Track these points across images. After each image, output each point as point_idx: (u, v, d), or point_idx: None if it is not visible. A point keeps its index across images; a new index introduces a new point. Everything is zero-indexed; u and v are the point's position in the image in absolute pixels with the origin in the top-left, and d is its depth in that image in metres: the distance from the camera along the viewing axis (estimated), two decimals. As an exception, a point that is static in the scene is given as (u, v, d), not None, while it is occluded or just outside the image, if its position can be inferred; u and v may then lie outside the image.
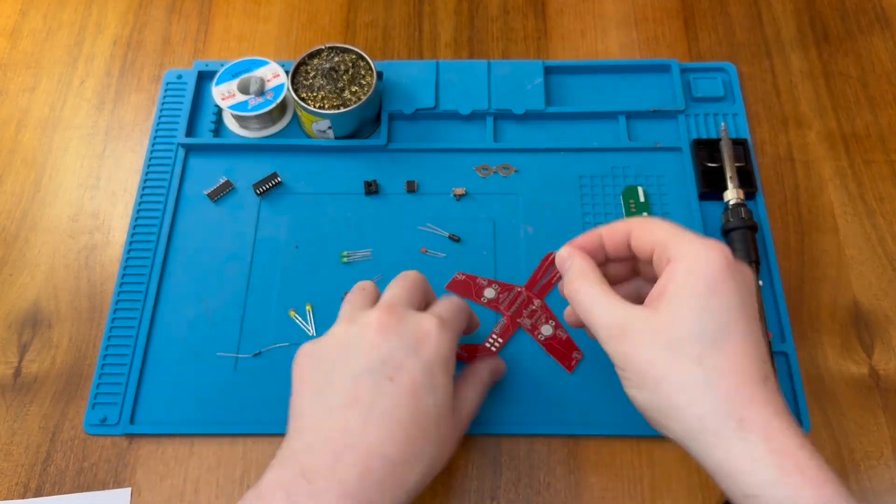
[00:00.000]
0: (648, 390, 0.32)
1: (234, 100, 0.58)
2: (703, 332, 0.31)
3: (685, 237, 0.34)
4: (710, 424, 0.30)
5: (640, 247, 0.37)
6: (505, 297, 0.52)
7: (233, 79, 0.59)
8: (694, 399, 0.31)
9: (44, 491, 0.48)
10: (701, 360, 0.31)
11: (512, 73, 0.62)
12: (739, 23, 0.67)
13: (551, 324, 0.51)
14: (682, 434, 0.32)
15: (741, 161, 0.57)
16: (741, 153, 0.58)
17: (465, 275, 0.53)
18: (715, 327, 0.31)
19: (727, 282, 0.32)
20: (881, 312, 0.53)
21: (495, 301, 0.52)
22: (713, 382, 0.30)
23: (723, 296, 0.32)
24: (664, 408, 0.32)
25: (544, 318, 0.51)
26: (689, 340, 0.31)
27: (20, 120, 0.63)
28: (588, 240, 0.39)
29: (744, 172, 0.57)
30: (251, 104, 0.58)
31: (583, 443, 0.49)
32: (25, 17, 0.68)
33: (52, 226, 0.58)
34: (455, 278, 0.53)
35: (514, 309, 0.52)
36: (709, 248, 0.33)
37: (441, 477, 0.48)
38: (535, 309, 0.51)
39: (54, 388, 0.51)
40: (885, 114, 0.62)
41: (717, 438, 0.30)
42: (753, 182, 0.57)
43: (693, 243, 0.34)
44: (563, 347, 0.50)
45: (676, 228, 0.35)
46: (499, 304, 0.52)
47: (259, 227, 0.57)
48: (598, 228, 0.40)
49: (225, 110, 0.59)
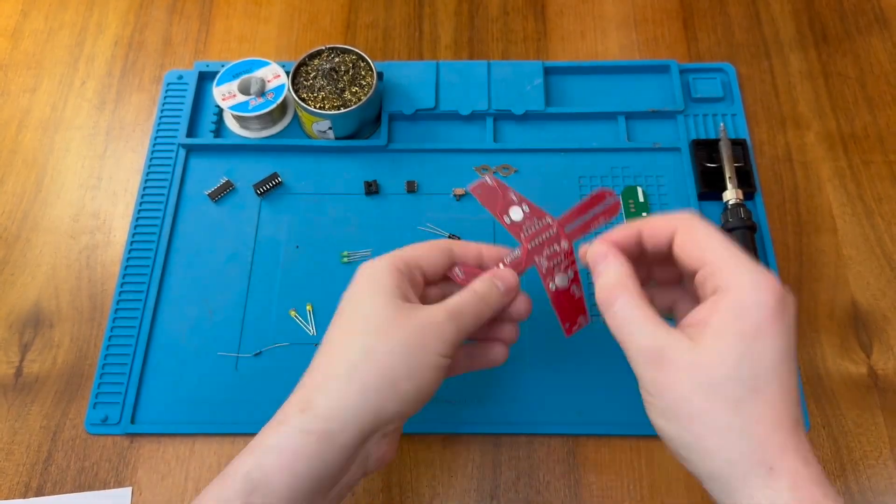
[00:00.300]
0: (677, 424, 0.31)
1: (234, 100, 0.59)
2: (745, 377, 0.29)
3: (737, 264, 0.31)
4: (739, 470, 0.29)
5: (685, 258, 0.33)
6: (531, 225, 0.42)
7: (233, 79, 0.59)
8: (727, 444, 0.29)
9: (45, 490, 0.48)
10: (738, 406, 0.29)
11: (512, 73, 0.62)
12: (738, 23, 0.67)
13: (569, 274, 0.42)
14: (706, 473, 0.30)
15: (740, 161, 0.58)
16: (740, 154, 0.58)
17: (496, 181, 0.42)
18: (757, 373, 0.30)
19: (775, 324, 0.30)
20: (879, 312, 0.54)
21: (518, 226, 0.42)
22: (748, 429, 0.29)
23: (768, 339, 0.30)
24: (692, 445, 0.30)
25: (564, 266, 0.42)
26: (730, 384, 0.30)
27: (21, 120, 0.63)
28: (625, 235, 0.36)
29: (743, 173, 0.57)
30: (252, 105, 0.58)
31: (582, 442, 0.49)
32: (27, 17, 0.69)
33: (54, 226, 0.58)
34: (482, 181, 0.42)
35: (536, 242, 0.42)
36: (761, 284, 0.31)
37: (441, 476, 0.48)
38: (558, 250, 0.42)
39: (55, 388, 0.52)
40: (884, 114, 0.62)
41: (744, 484, 0.29)
42: (752, 182, 0.57)
43: (745, 276, 0.31)
44: (571, 306, 0.42)
45: (728, 248, 0.32)
46: (521, 231, 0.42)
47: (260, 227, 0.57)
48: (636, 222, 0.36)
49: (225, 111, 0.60)
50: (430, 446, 0.49)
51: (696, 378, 0.30)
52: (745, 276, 0.31)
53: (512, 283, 0.39)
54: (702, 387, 0.30)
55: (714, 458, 0.30)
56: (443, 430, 0.49)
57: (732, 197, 0.55)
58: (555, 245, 0.42)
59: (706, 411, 0.30)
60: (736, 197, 0.55)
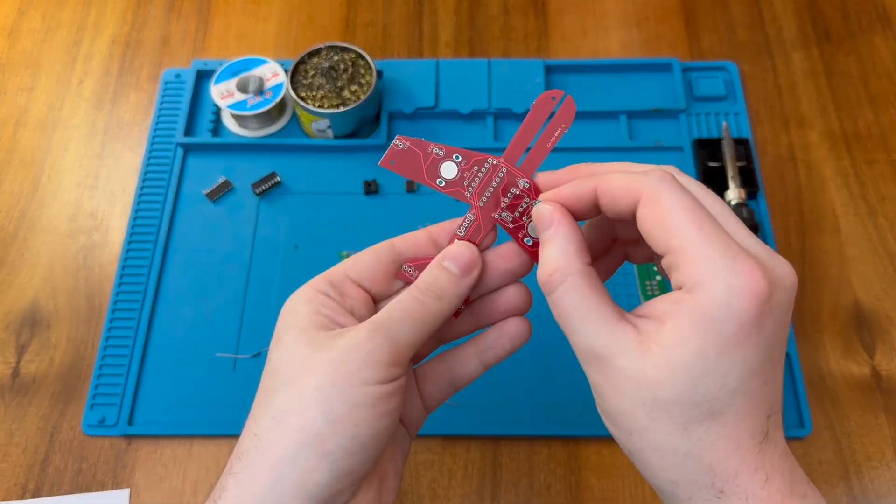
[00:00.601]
0: (619, 431, 0.26)
1: (232, 99, 0.58)
2: (700, 401, 0.24)
3: (709, 256, 0.24)
4: (683, 492, 0.25)
5: (649, 238, 0.26)
6: (473, 176, 0.31)
7: (231, 77, 0.59)
8: (670, 465, 0.25)
9: (42, 492, 0.48)
10: (687, 428, 0.24)
11: (512, 72, 0.62)
12: (741, 22, 0.67)
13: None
14: (650, 484, 0.27)
15: (742, 161, 0.57)
16: (742, 153, 0.58)
17: (409, 140, 0.31)
18: (717, 396, 0.24)
19: (751, 336, 0.23)
20: (883, 313, 0.53)
21: (457, 183, 0.31)
22: (697, 453, 0.24)
23: (738, 356, 0.24)
24: (635, 455, 0.26)
25: (530, 210, 0.31)
26: (679, 406, 0.24)
27: (19, 119, 0.63)
28: (577, 194, 0.29)
29: (745, 172, 0.57)
30: (250, 103, 0.58)
31: (583, 444, 0.49)
32: (24, 16, 0.68)
33: (51, 226, 0.58)
34: (392, 147, 0.31)
35: (487, 195, 0.31)
36: (736, 285, 0.23)
37: (441, 478, 0.48)
38: (518, 192, 0.31)
39: (53, 389, 0.51)
40: (887, 113, 0.62)
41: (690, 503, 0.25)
42: (755, 182, 0.57)
43: (717, 272, 0.23)
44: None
45: (700, 231, 0.24)
46: (463, 189, 0.31)
47: (258, 226, 0.56)
48: (593, 178, 0.29)
49: (224, 109, 0.59)
50: (429, 448, 0.49)
51: (640, 394, 0.25)
52: (718, 272, 0.23)
53: (466, 257, 0.29)
54: (646, 405, 0.25)
55: (658, 477, 0.26)
56: (443, 432, 0.49)
57: (735, 197, 0.54)
58: (512, 189, 0.32)
59: (649, 427, 0.25)
60: (739, 197, 0.54)
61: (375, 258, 0.31)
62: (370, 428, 0.26)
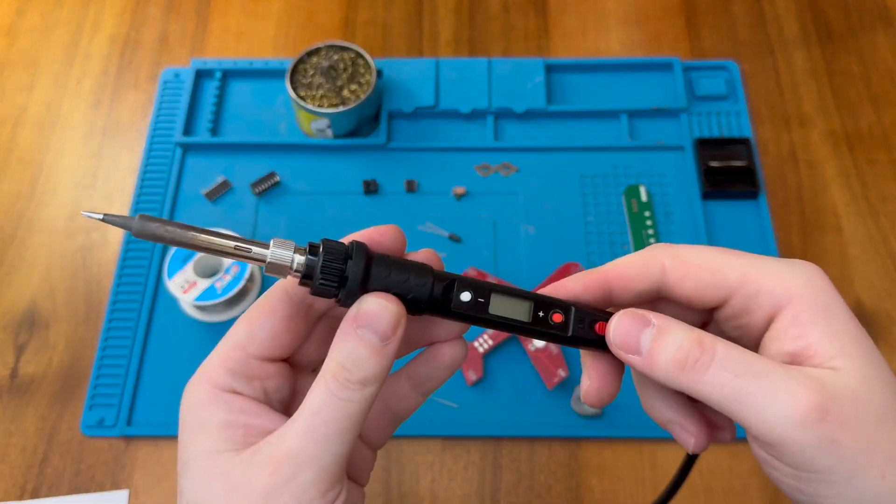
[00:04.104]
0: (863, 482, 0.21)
1: (196, 289, 0.50)
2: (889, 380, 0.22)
3: (763, 264, 0.24)
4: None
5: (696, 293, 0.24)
6: None
7: (185, 264, 0.51)
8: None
9: (41, 493, 0.48)
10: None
11: (512, 71, 0.62)
12: (742, 21, 0.66)
13: None
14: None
15: (744, 160, 0.57)
16: (744, 152, 0.57)
17: (477, 271, 0.52)
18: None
19: (842, 304, 0.23)
20: (884, 313, 0.53)
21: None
22: None
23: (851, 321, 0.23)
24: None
25: None
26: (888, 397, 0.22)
27: (17, 119, 0.62)
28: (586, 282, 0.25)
29: (747, 172, 0.57)
30: (219, 287, 0.50)
31: (584, 445, 0.48)
32: (22, 15, 0.68)
33: (49, 226, 0.57)
34: (466, 273, 0.50)
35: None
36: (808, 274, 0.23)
37: (441, 479, 0.47)
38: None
39: (51, 390, 0.51)
40: (889, 113, 0.61)
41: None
42: (756, 182, 0.56)
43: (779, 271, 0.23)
44: (550, 362, 0.49)
45: (740, 255, 0.24)
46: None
47: (257, 226, 0.56)
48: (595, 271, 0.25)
49: (188, 303, 0.51)
50: (429, 449, 0.49)
51: (868, 414, 0.21)
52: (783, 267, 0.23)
53: (385, 319, 0.22)
54: (877, 422, 0.21)
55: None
56: (443, 433, 0.49)
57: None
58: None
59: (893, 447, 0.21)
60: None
61: (272, 319, 0.24)
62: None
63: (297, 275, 0.22)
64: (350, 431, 0.22)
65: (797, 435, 0.20)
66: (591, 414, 0.48)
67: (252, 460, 0.22)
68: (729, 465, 0.48)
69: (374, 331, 0.22)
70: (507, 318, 0.24)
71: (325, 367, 0.22)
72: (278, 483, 0.22)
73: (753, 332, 0.24)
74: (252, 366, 0.24)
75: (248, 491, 0.22)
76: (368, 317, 0.22)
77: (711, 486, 0.47)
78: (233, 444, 0.22)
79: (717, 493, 0.47)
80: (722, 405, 0.22)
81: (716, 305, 0.24)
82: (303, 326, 0.25)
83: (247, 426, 0.23)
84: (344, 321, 0.23)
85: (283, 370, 0.25)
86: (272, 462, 0.22)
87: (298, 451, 0.22)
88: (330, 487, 0.22)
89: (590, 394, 0.26)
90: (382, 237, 0.24)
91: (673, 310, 0.26)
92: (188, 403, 0.24)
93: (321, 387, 0.22)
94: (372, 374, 0.22)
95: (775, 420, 0.21)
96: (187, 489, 0.23)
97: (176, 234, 0.21)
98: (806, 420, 0.20)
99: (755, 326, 0.24)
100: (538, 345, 0.49)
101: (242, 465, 0.22)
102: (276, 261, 0.22)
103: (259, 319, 0.24)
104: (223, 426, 0.23)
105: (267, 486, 0.22)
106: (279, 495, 0.21)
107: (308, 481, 0.22)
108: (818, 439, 0.20)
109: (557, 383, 0.48)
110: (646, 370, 0.23)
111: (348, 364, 0.22)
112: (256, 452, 0.22)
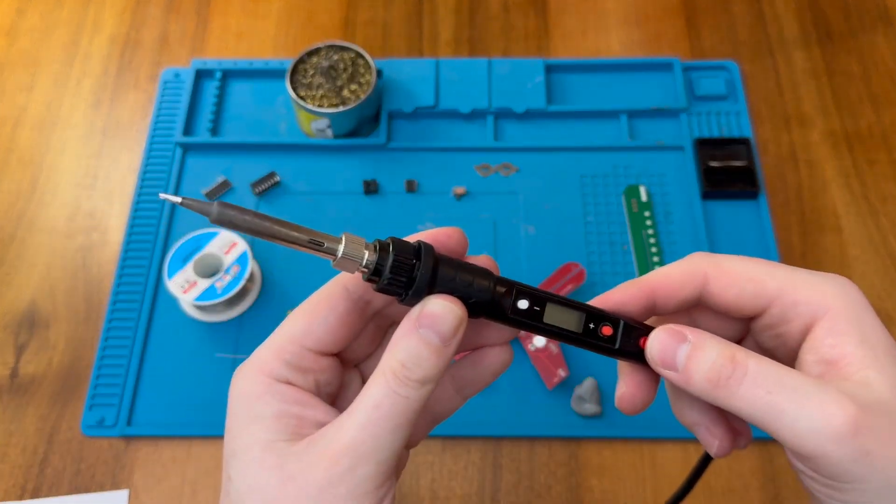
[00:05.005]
0: None
1: (197, 289, 0.50)
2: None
3: (800, 276, 0.24)
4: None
5: (736, 302, 0.25)
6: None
7: (185, 264, 0.51)
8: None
9: (41, 493, 0.48)
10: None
11: (512, 71, 0.62)
12: (742, 21, 0.66)
13: None
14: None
15: (744, 160, 0.57)
16: (744, 152, 0.58)
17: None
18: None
19: (874, 317, 0.24)
20: (884, 313, 0.53)
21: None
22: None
23: (883, 333, 0.24)
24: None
25: None
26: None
27: (17, 119, 0.62)
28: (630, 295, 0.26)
29: (746, 172, 0.57)
30: (219, 287, 0.50)
31: (584, 445, 0.48)
32: (23, 15, 0.68)
33: (49, 226, 0.57)
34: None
35: None
36: (843, 287, 0.24)
37: (441, 479, 0.47)
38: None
39: (51, 390, 0.51)
40: (889, 113, 0.61)
41: None
42: (756, 182, 0.56)
43: (816, 283, 0.24)
44: (550, 362, 0.49)
45: (779, 266, 0.25)
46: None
47: (257, 226, 0.56)
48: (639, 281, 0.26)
49: (188, 303, 0.50)
50: (429, 449, 0.49)
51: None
52: (816, 280, 0.24)
53: (448, 321, 0.23)
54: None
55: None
56: (443, 433, 0.49)
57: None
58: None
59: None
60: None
61: (332, 313, 0.24)
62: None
63: (364, 270, 0.22)
64: (405, 428, 0.23)
65: (831, 449, 0.21)
66: (592, 414, 0.48)
67: (308, 451, 0.22)
68: (729, 465, 0.48)
69: (437, 332, 0.23)
70: (559, 328, 0.24)
71: (384, 364, 0.23)
72: (335, 475, 0.22)
73: (790, 342, 0.25)
74: (307, 358, 0.24)
75: (304, 482, 0.22)
76: (432, 318, 0.23)
77: (711, 486, 0.47)
78: (286, 435, 0.23)
79: (717, 493, 0.47)
80: (756, 420, 0.22)
81: (755, 315, 0.25)
82: (358, 322, 0.25)
83: (301, 417, 0.23)
84: (406, 320, 0.23)
85: (335, 364, 0.25)
86: (330, 454, 0.22)
87: (358, 444, 0.22)
88: (384, 482, 0.23)
89: (624, 399, 0.26)
90: (448, 239, 0.25)
91: (712, 320, 0.27)
92: (240, 393, 0.24)
93: (381, 383, 0.22)
94: (431, 373, 0.23)
95: (809, 435, 0.21)
96: (237, 478, 0.23)
97: (253, 224, 0.21)
98: (839, 435, 0.21)
99: (792, 336, 0.24)
100: (538, 344, 0.49)
101: (298, 456, 0.22)
102: (348, 256, 0.22)
103: (319, 313, 0.25)
104: (277, 416, 0.23)
105: (325, 478, 0.22)
106: (336, 487, 0.22)
107: (366, 475, 0.22)
108: (852, 451, 0.21)
109: (557, 383, 0.48)
110: (682, 385, 0.23)
111: (409, 363, 0.22)
112: (312, 444, 0.22)
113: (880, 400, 0.22)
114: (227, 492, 0.23)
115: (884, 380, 0.22)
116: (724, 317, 0.26)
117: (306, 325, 0.24)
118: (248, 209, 0.21)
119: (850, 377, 0.22)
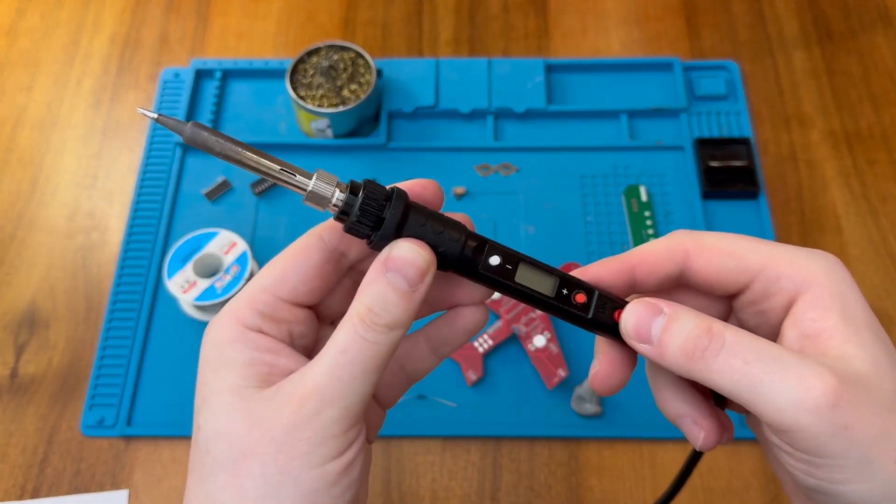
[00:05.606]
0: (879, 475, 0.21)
1: (196, 289, 0.50)
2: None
3: (784, 251, 0.24)
4: None
5: (718, 277, 0.24)
6: (509, 300, 0.50)
7: (185, 263, 0.51)
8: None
9: (41, 493, 0.48)
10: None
11: (512, 71, 0.62)
12: (742, 21, 0.66)
13: (546, 335, 0.49)
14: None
15: (744, 160, 0.57)
16: (744, 152, 0.58)
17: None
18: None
19: (858, 293, 0.23)
20: (885, 313, 0.53)
21: (497, 302, 0.51)
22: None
23: (865, 310, 0.23)
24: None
25: (541, 329, 0.50)
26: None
27: (17, 119, 0.62)
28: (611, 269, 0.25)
29: (746, 172, 0.57)
30: (219, 287, 0.50)
31: (584, 445, 0.48)
32: (23, 15, 0.68)
33: (49, 226, 0.57)
34: None
35: (514, 314, 0.50)
36: (828, 262, 0.24)
37: (441, 479, 0.47)
38: (534, 317, 0.50)
39: (51, 390, 0.51)
40: (888, 113, 0.61)
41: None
42: (756, 181, 0.56)
43: (800, 257, 0.24)
44: (550, 362, 0.49)
45: (761, 241, 0.24)
46: (500, 306, 0.51)
47: (257, 226, 0.56)
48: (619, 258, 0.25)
49: (188, 303, 0.50)
50: (429, 449, 0.49)
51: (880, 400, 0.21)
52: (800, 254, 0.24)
53: (417, 263, 0.22)
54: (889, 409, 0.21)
55: None
56: (443, 433, 0.49)
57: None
58: (530, 313, 0.50)
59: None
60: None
61: (306, 263, 0.24)
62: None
63: (334, 208, 0.22)
64: (373, 373, 0.22)
65: (809, 421, 0.20)
66: (591, 413, 0.48)
67: (275, 396, 0.22)
68: (729, 465, 0.48)
69: (404, 276, 0.22)
70: (530, 289, 0.24)
71: (352, 309, 0.22)
72: (301, 419, 0.22)
73: (772, 318, 0.24)
74: (281, 308, 0.24)
75: (269, 426, 0.22)
76: (399, 262, 0.22)
77: (711, 486, 0.47)
78: (256, 381, 0.23)
79: (717, 493, 0.47)
80: (733, 392, 0.22)
81: (737, 291, 0.25)
82: (333, 274, 0.25)
83: (272, 365, 0.23)
84: (374, 264, 0.23)
85: (309, 317, 0.25)
86: (296, 398, 0.22)
87: (324, 387, 0.22)
88: (351, 426, 0.22)
89: (597, 378, 0.26)
90: (424, 190, 0.25)
91: (694, 299, 0.26)
92: (213, 340, 0.24)
93: (348, 328, 0.22)
94: (399, 318, 0.22)
95: (787, 406, 0.21)
96: (206, 424, 0.23)
97: (225, 147, 0.21)
98: (818, 406, 0.20)
99: (774, 312, 0.24)
100: (538, 344, 0.49)
101: (265, 401, 0.22)
102: (317, 190, 0.22)
103: (293, 262, 0.24)
104: (248, 363, 0.23)
105: (290, 422, 0.22)
106: (301, 430, 0.21)
107: (331, 418, 0.22)
108: (830, 425, 0.20)
109: (557, 383, 0.48)
110: (656, 359, 0.23)
111: (376, 307, 0.22)
112: (280, 389, 0.22)
113: (860, 374, 0.21)
114: (195, 440, 0.23)
115: (864, 355, 0.22)
116: (706, 296, 0.26)
117: (280, 274, 0.24)
118: (222, 133, 0.21)
119: (830, 351, 0.22)
